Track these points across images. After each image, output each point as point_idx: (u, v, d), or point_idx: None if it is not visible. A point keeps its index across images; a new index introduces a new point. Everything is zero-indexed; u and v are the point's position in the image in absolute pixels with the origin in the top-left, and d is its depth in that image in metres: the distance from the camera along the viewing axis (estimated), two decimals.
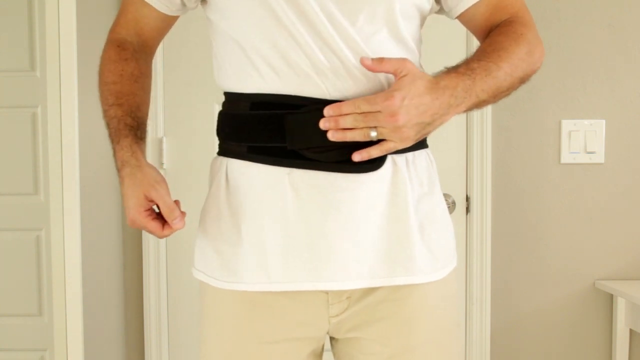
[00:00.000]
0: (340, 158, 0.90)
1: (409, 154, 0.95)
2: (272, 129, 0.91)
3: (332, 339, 1.02)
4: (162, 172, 1.97)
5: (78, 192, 1.91)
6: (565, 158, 1.98)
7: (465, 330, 1.99)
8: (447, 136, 1.98)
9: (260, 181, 0.92)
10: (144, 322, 1.99)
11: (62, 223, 1.91)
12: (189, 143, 1.98)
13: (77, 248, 1.91)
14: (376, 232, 0.92)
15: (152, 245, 1.97)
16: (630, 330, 1.94)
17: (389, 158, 0.92)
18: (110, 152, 1.00)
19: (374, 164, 0.90)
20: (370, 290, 0.95)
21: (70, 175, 1.91)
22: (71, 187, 1.91)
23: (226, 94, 0.98)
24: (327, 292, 0.95)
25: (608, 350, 2.00)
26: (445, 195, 1.98)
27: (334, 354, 1.04)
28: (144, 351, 2.00)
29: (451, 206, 1.97)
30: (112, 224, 2.00)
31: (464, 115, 1.97)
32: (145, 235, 1.98)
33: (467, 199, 1.98)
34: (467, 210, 1.98)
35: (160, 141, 1.97)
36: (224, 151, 0.98)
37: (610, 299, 1.99)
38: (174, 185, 1.98)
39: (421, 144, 0.98)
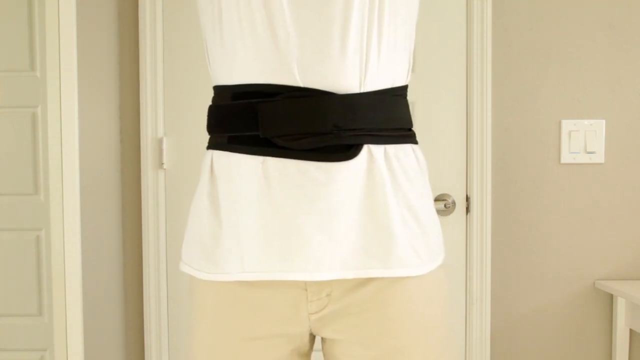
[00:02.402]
0: (311, 146, 0.89)
1: (390, 147, 0.92)
2: (248, 118, 0.91)
3: (322, 338, 1.01)
4: (162, 172, 1.98)
5: (78, 192, 1.91)
6: (565, 158, 1.98)
7: (465, 330, 1.99)
8: (447, 136, 1.98)
9: (237, 171, 0.92)
10: (144, 322, 1.99)
11: (62, 223, 1.91)
12: (189, 143, 1.98)
13: (77, 248, 1.91)
14: (351, 224, 0.90)
15: (152, 245, 1.97)
16: (630, 330, 1.94)
17: (365, 148, 0.90)
18: (110, 152, 1.00)
19: (348, 153, 0.89)
20: (352, 289, 0.93)
21: (70, 175, 1.91)
22: (71, 187, 1.91)
23: (214, 88, 0.99)
24: (306, 289, 0.93)
25: (608, 350, 2.00)
26: (445, 195, 1.98)
27: (323, 354, 1.03)
28: (144, 351, 2.00)
29: (451, 206, 1.97)
30: (112, 224, 2.00)
31: (464, 115, 1.97)
32: (145, 235, 1.98)
33: (467, 199, 1.98)
34: (467, 210, 1.98)
35: (160, 141, 1.97)
36: (210, 144, 0.98)
37: (610, 299, 1.99)
38: (174, 185, 1.99)
39: (405, 138, 0.95)
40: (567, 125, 1.98)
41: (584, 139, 1.97)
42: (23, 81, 1.95)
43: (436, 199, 1.98)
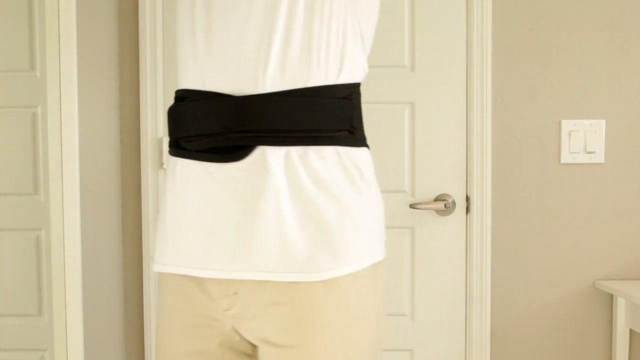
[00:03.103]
0: (202, 147, 0.92)
1: (296, 148, 0.90)
2: (170, 122, 0.99)
3: None
4: (162, 172, 1.97)
5: (78, 192, 1.91)
6: (565, 158, 1.98)
7: (465, 330, 1.99)
8: (447, 136, 1.98)
9: (168, 171, 1.01)
10: (144, 322, 1.99)
11: (62, 223, 1.91)
12: None
13: (77, 248, 1.91)
14: (234, 224, 0.90)
15: (152, 245, 1.97)
16: (630, 330, 1.94)
17: (259, 149, 0.90)
18: (110, 152, 1.07)
19: (235, 154, 0.90)
20: (253, 290, 0.92)
21: (70, 175, 1.91)
22: (71, 187, 1.91)
23: None
24: (219, 285, 0.95)
25: (608, 350, 2.00)
26: (445, 195, 1.98)
27: None
28: (144, 351, 2.00)
29: (451, 206, 1.97)
30: (112, 224, 2.00)
31: (464, 115, 1.97)
32: (145, 235, 1.98)
33: (467, 199, 1.98)
34: (467, 210, 1.98)
35: (160, 141, 1.97)
36: None
37: (610, 299, 1.99)
38: None
39: (323, 140, 0.91)
40: (567, 125, 1.97)
41: (584, 139, 1.97)
42: (23, 81, 1.95)
43: (436, 199, 1.98)
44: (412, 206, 1.96)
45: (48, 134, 1.92)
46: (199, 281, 0.96)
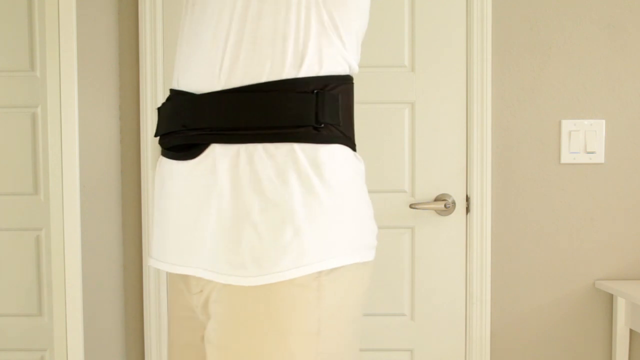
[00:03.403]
0: (166, 145, 0.95)
1: (245, 146, 0.87)
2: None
3: None
4: None
5: (78, 192, 1.91)
6: (565, 158, 1.98)
7: (465, 330, 1.99)
8: (447, 136, 1.98)
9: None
10: (144, 322, 1.99)
11: (62, 223, 1.90)
12: None
13: (77, 248, 1.91)
14: (193, 222, 0.91)
15: None
16: (630, 330, 1.94)
17: (210, 148, 0.89)
18: (110, 152, 1.10)
19: (190, 152, 0.91)
20: (205, 286, 0.93)
21: (70, 175, 1.90)
22: (71, 187, 1.90)
23: None
24: (194, 280, 0.97)
25: (608, 350, 2.00)
26: (445, 195, 1.97)
27: None
28: (144, 351, 2.00)
29: (451, 206, 1.97)
30: (112, 224, 2.00)
31: (464, 115, 1.97)
32: (145, 235, 1.98)
33: (467, 199, 1.98)
34: (467, 210, 1.98)
35: None
36: None
37: (610, 299, 1.99)
38: None
39: (278, 137, 0.86)
40: (567, 125, 1.97)
41: (584, 139, 1.97)
42: (23, 81, 1.95)
43: (436, 199, 1.98)
44: (412, 206, 1.96)
45: (48, 134, 1.92)
46: (183, 276, 0.98)
